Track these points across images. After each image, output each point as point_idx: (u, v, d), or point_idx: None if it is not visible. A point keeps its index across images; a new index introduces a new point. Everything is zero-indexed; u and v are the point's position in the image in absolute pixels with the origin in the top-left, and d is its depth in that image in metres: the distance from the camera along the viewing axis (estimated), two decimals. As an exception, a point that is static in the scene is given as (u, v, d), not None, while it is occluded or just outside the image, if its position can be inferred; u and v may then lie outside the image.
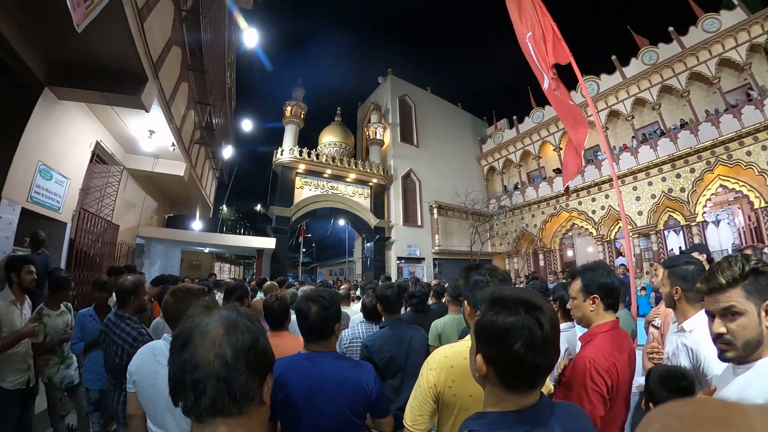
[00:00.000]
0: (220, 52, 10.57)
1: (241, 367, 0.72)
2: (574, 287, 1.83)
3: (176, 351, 0.73)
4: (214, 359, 0.70)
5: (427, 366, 1.43)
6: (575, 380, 1.59)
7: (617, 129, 18.66)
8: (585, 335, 1.78)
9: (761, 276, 1.04)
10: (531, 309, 0.87)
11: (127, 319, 2.57)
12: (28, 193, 5.06)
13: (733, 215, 14.43)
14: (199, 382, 0.69)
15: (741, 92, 14.47)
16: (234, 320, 0.77)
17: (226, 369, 0.70)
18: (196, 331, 0.74)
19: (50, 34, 4.52)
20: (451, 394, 1.33)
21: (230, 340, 0.73)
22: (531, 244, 21.27)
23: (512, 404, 0.89)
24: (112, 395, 2.59)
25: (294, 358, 1.68)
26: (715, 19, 14.54)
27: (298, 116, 19.51)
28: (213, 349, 0.71)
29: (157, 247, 13.11)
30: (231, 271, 31.99)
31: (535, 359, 0.84)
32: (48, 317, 3.49)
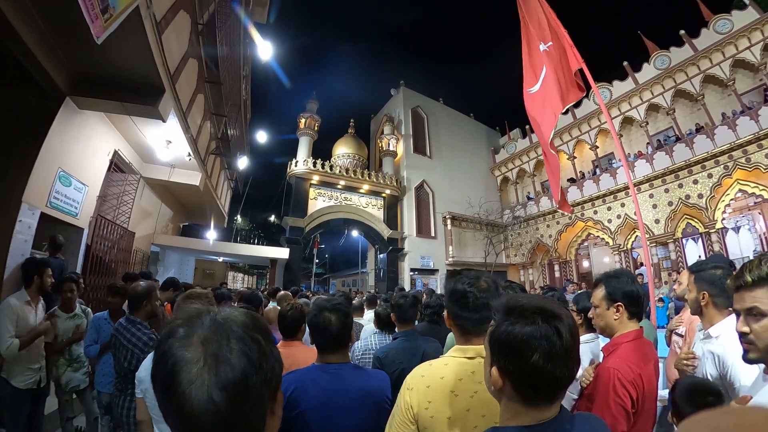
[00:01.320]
0: (235, 65, 10.83)
1: (242, 405, 0.57)
2: (597, 295, 1.79)
3: (160, 396, 0.59)
4: (205, 411, 0.55)
5: (405, 386, 1.32)
6: (598, 392, 1.53)
7: (631, 136, 18.42)
8: (608, 345, 1.72)
9: None
10: (549, 318, 0.83)
11: (138, 324, 2.63)
12: (48, 198, 5.22)
13: (753, 221, 14.02)
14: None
15: (757, 93, 14.20)
16: (216, 349, 0.58)
17: (222, 419, 0.55)
18: (175, 374, 0.56)
19: (72, 46, 4.71)
20: (428, 416, 1.22)
21: (219, 380, 0.56)
22: (546, 254, 20.96)
23: (530, 418, 0.85)
24: (117, 400, 2.64)
25: (309, 371, 1.62)
26: (727, 20, 14.33)
27: (312, 128, 19.82)
28: (201, 398, 0.55)
29: (172, 255, 13.32)
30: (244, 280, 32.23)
31: (555, 371, 0.81)
32: (58, 318, 3.59)
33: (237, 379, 0.57)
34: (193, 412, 0.55)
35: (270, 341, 0.66)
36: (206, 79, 8.90)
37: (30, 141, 4.82)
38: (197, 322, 0.62)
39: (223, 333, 0.60)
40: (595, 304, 1.79)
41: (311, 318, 1.71)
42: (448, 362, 1.32)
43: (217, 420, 0.55)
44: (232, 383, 0.56)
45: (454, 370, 1.27)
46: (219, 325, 0.62)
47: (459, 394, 1.23)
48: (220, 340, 0.59)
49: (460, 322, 1.37)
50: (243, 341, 0.60)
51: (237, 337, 0.61)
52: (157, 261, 12.37)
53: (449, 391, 1.23)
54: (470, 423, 1.19)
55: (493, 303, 1.00)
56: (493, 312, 0.94)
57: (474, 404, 1.20)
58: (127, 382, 2.55)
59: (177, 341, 0.59)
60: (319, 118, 20.36)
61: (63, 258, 5.01)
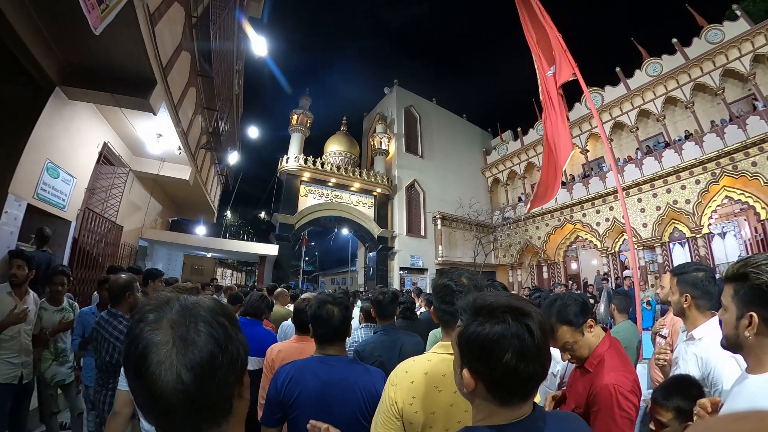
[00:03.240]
0: (228, 59, 10.71)
1: (209, 385, 0.60)
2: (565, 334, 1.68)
3: (131, 378, 0.61)
4: (174, 391, 0.57)
5: (389, 382, 1.34)
6: (600, 411, 1.48)
7: (622, 141, 18.68)
8: (591, 359, 1.65)
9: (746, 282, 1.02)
10: (519, 315, 0.81)
11: (120, 317, 2.58)
12: (35, 189, 5.11)
13: (739, 227, 14.29)
14: (168, 413, 0.59)
15: (745, 103, 14.54)
16: (185, 332, 0.61)
17: (189, 398, 0.58)
18: (145, 356, 0.59)
19: (64, 36, 4.62)
20: (412, 412, 1.24)
21: (187, 361, 0.59)
22: (535, 256, 21.15)
23: (504, 417, 0.83)
24: (98, 395, 2.58)
25: (308, 361, 1.71)
26: (719, 30, 14.64)
27: (304, 125, 19.72)
28: (170, 378, 0.57)
29: (161, 250, 13.15)
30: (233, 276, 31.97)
31: (529, 369, 0.79)
32: (45, 311, 3.52)
33: (204, 360, 0.60)
34: (162, 392, 0.57)
35: (236, 326, 0.68)
36: (199, 72, 8.79)
37: (18, 131, 4.72)
38: (166, 308, 0.64)
39: (191, 317, 0.63)
40: (569, 341, 1.68)
41: (314, 310, 1.76)
42: (431, 358, 1.34)
43: (185, 399, 0.58)
44: (199, 364, 0.59)
45: (438, 366, 1.29)
46: (187, 309, 0.64)
47: (443, 390, 1.24)
48: (188, 323, 0.62)
49: (440, 314, 1.41)
50: (210, 324, 0.63)
51: (204, 320, 0.63)
52: (146, 256, 12.20)
53: (433, 387, 1.25)
54: (454, 418, 1.21)
55: (459, 303, 0.98)
56: (460, 312, 0.91)
57: (457, 399, 1.20)
58: (109, 376, 2.51)
59: (147, 325, 0.61)
60: (312, 115, 20.28)
61: (50, 251, 4.90)
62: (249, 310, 3.30)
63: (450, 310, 1.37)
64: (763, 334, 0.97)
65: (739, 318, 1.02)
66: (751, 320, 0.98)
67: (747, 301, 1.01)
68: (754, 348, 1.00)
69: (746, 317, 0.99)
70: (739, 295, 1.03)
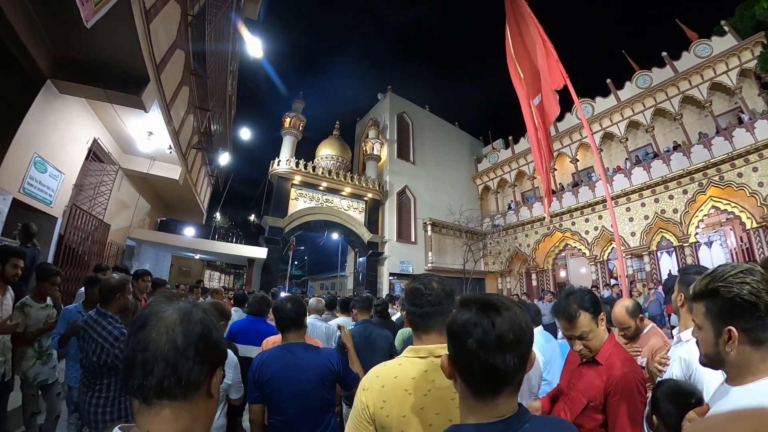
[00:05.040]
0: (223, 59, 10.67)
1: (190, 353, 0.74)
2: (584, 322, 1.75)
3: (132, 333, 0.75)
4: (165, 343, 0.73)
5: (361, 387, 1.36)
6: (624, 398, 1.59)
7: (611, 151, 18.94)
8: (602, 353, 1.74)
9: (717, 298, 1.00)
10: (488, 308, 0.86)
11: (110, 318, 2.53)
12: (21, 183, 5.00)
13: (725, 236, 14.58)
14: (148, 363, 0.71)
15: (732, 115, 14.86)
16: (189, 311, 0.79)
17: (175, 353, 0.72)
18: (152, 316, 0.76)
19: (57, 28, 4.55)
20: (384, 415, 1.25)
21: (183, 327, 0.75)
22: (524, 263, 21.25)
23: (485, 414, 0.85)
24: (84, 397, 2.47)
25: (273, 350, 2.17)
26: (707, 45, 15.02)
27: (296, 128, 19.65)
28: (165, 333, 0.73)
29: (148, 251, 12.96)
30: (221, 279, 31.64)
31: (488, 359, 0.82)
32: (31, 308, 3.40)
33: (194, 334, 0.76)
34: (158, 345, 0.72)
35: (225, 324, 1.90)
36: (192, 71, 8.72)
37: (6, 123, 4.63)
38: (176, 301, 0.81)
39: (194, 307, 0.81)
40: (587, 330, 1.75)
41: (276, 305, 2.27)
42: (401, 362, 1.35)
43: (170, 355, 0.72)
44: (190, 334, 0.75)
45: (408, 370, 1.31)
46: (192, 303, 0.82)
47: (413, 393, 1.25)
48: (191, 310, 0.79)
49: (410, 317, 1.43)
50: (205, 313, 0.81)
51: (202, 310, 0.81)
52: (132, 255, 12.00)
53: (403, 390, 1.26)
54: (425, 420, 1.21)
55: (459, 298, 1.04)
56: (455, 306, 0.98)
57: (427, 402, 1.22)
58: (96, 377, 2.44)
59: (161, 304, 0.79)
60: (305, 118, 20.22)
61: (38, 247, 4.77)
62: (253, 310, 3.84)
63: (419, 313, 1.38)
64: (743, 346, 0.96)
65: (717, 335, 1.00)
66: (731, 335, 0.96)
67: (722, 316, 0.99)
68: (735, 361, 0.98)
69: (725, 333, 0.97)
70: (712, 312, 1.01)
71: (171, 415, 0.72)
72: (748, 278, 0.96)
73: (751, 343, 0.95)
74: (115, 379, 2.45)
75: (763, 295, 0.94)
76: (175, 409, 0.73)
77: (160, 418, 0.72)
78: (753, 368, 0.96)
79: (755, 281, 0.95)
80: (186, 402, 0.74)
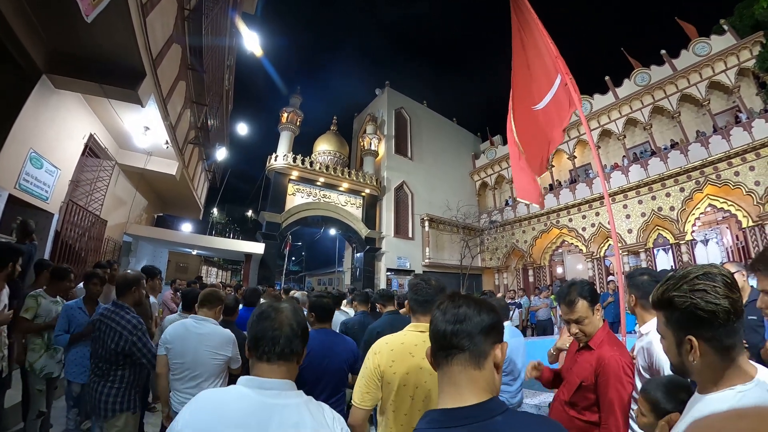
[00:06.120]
0: (220, 53, 10.57)
1: (298, 334, 1.21)
2: (581, 309, 1.97)
3: (259, 320, 1.20)
4: (288, 327, 1.19)
5: (372, 351, 1.76)
6: (611, 378, 1.79)
7: (609, 148, 18.98)
8: (595, 339, 1.95)
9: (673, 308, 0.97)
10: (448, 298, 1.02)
11: (126, 308, 2.73)
12: (17, 179, 4.95)
13: (721, 234, 14.64)
14: (277, 338, 1.16)
15: (730, 114, 14.90)
16: (296, 308, 1.28)
17: (292, 333, 1.18)
18: (274, 310, 1.22)
19: (53, 22, 4.49)
20: (391, 373, 1.65)
21: (296, 318, 1.23)
22: (521, 259, 21.32)
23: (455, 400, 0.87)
24: (95, 386, 2.60)
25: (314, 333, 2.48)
26: (706, 44, 15.03)
27: (294, 123, 19.57)
28: (287, 321, 1.20)
29: (145, 247, 12.91)
30: (218, 275, 31.60)
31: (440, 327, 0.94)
32: (43, 299, 3.47)
33: (300, 322, 1.23)
34: (282, 326, 1.18)
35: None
36: (189, 66, 8.63)
37: (1, 119, 4.57)
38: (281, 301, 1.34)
39: (297, 308, 1.29)
40: (585, 315, 1.96)
41: (314, 301, 2.71)
42: (406, 333, 1.80)
43: (290, 334, 1.18)
44: (298, 322, 1.22)
45: (411, 338, 1.75)
46: (291, 304, 1.30)
47: (415, 355, 1.67)
48: (295, 310, 1.27)
49: (412, 303, 1.89)
50: (300, 312, 1.29)
51: (299, 308, 1.30)
52: (130, 252, 11.94)
53: (408, 353, 1.69)
54: (421, 378, 1.64)
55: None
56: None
57: (425, 364, 1.54)
58: (110, 366, 2.61)
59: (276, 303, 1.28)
60: (302, 113, 20.12)
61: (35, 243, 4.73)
62: (246, 300, 4.36)
63: (421, 300, 1.85)
64: (707, 354, 0.92)
65: (679, 344, 0.97)
66: (692, 344, 0.93)
67: (681, 326, 0.96)
68: (701, 371, 0.95)
69: (686, 342, 0.94)
70: (671, 322, 0.99)
71: (285, 370, 1.16)
72: (704, 284, 0.92)
73: (716, 352, 0.92)
74: (130, 369, 2.68)
75: (721, 302, 0.89)
76: (285, 365, 1.16)
77: (279, 371, 1.15)
78: (717, 377, 0.92)
79: (712, 287, 0.91)
80: (289, 363, 1.18)
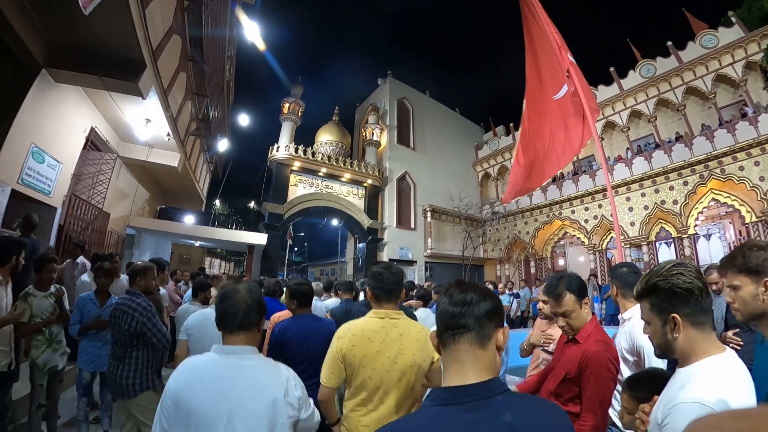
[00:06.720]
0: (220, 44, 10.50)
1: (254, 308, 1.48)
2: (569, 302, 1.99)
3: (221, 300, 1.48)
4: (244, 303, 1.46)
5: (336, 336, 1.92)
6: (594, 373, 1.81)
7: (612, 140, 18.82)
8: (582, 333, 1.98)
9: (657, 292, 1.15)
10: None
11: (137, 294, 2.98)
12: (19, 174, 4.96)
13: (724, 229, 14.55)
14: (236, 313, 1.44)
15: (736, 108, 14.70)
16: (251, 288, 1.53)
17: (247, 309, 1.46)
18: (233, 290, 1.49)
19: (51, 15, 4.45)
20: (352, 355, 1.82)
21: (251, 296, 1.49)
22: (523, 251, 21.31)
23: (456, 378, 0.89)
24: (114, 369, 2.87)
25: (293, 318, 2.85)
26: (713, 36, 14.78)
27: (295, 113, 19.45)
28: (243, 299, 1.47)
29: (148, 239, 12.95)
30: (221, 266, 31.75)
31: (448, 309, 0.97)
32: (34, 297, 3.44)
33: (255, 299, 1.49)
34: (239, 304, 1.44)
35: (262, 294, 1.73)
36: (189, 57, 8.57)
37: (2, 114, 4.56)
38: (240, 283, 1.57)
39: (252, 285, 1.55)
40: (570, 310, 1.99)
41: (294, 289, 2.91)
42: (367, 320, 1.95)
43: (246, 310, 1.45)
44: (253, 299, 1.48)
45: (371, 324, 1.91)
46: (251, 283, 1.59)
47: (373, 340, 1.84)
48: (251, 287, 1.53)
49: (376, 292, 2.00)
50: (256, 289, 1.56)
51: (255, 286, 1.57)
52: (133, 244, 12.00)
53: (366, 338, 1.84)
54: (379, 360, 1.80)
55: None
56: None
57: (382, 348, 1.82)
58: (125, 349, 2.86)
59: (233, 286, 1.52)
60: (304, 103, 19.98)
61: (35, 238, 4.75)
62: (268, 291, 4.70)
63: (386, 288, 1.97)
64: (687, 329, 1.10)
65: (664, 324, 1.13)
66: (675, 321, 1.10)
67: (664, 307, 1.13)
68: (683, 346, 1.11)
69: (670, 321, 1.12)
70: (656, 306, 1.16)
71: (244, 338, 1.44)
72: (680, 269, 1.13)
73: (694, 326, 1.10)
74: (144, 350, 2.91)
75: (695, 282, 1.11)
76: (245, 334, 1.44)
77: (240, 339, 1.43)
78: (697, 349, 1.10)
79: (687, 271, 1.12)
80: (249, 332, 1.46)
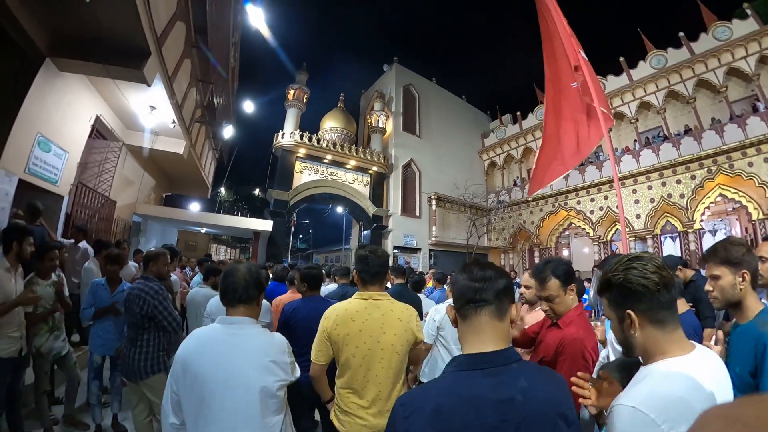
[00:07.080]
0: (225, 30, 10.40)
1: (252, 284, 1.65)
2: (553, 287, 1.98)
3: (224, 278, 1.66)
4: (243, 280, 1.63)
5: (323, 316, 2.03)
6: (566, 359, 1.82)
7: (620, 131, 18.56)
8: (565, 318, 1.97)
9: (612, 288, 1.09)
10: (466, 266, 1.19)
11: (150, 279, 3.12)
12: (26, 164, 4.99)
13: (730, 225, 14.44)
14: (236, 289, 1.61)
15: (747, 103, 14.39)
16: (250, 267, 1.71)
17: (246, 284, 1.63)
18: (234, 269, 1.68)
19: (54, 5, 4.42)
20: (336, 334, 1.94)
21: (249, 274, 1.67)
22: (527, 240, 21.29)
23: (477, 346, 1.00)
24: (127, 351, 3.00)
25: (302, 300, 3.07)
26: (727, 28, 14.40)
27: (300, 100, 19.32)
28: (242, 276, 1.64)
29: (154, 226, 13.06)
30: (227, 252, 32.01)
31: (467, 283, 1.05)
32: (38, 286, 3.45)
33: (253, 275, 1.68)
34: (237, 280, 1.64)
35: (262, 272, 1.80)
36: (194, 43, 8.50)
37: (7, 104, 4.58)
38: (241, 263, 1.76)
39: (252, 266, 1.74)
40: (554, 294, 1.98)
41: (305, 272, 3.09)
42: (351, 301, 2.06)
43: (245, 286, 1.64)
44: (251, 275, 1.67)
45: (354, 306, 2.01)
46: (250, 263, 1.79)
47: (355, 320, 1.95)
48: (249, 266, 1.72)
49: (363, 275, 2.08)
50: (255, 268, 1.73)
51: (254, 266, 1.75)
52: (139, 231, 12.10)
53: (349, 318, 1.96)
54: (360, 339, 1.92)
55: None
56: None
57: (365, 327, 1.93)
58: (137, 331, 2.99)
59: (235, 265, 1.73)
60: (309, 90, 19.82)
61: (44, 225, 4.79)
62: (276, 276, 4.86)
63: (372, 272, 2.06)
64: (645, 327, 1.03)
65: (621, 321, 1.08)
66: (630, 318, 1.04)
67: (619, 303, 1.07)
68: (642, 344, 1.04)
69: (626, 318, 1.05)
70: (612, 302, 1.10)
71: (244, 310, 1.63)
72: (634, 263, 1.05)
73: (653, 324, 1.02)
74: (155, 333, 3.02)
75: (650, 276, 1.02)
76: (244, 307, 1.63)
77: (240, 311, 1.62)
78: (656, 349, 1.03)
79: (642, 265, 1.04)
80: (248, 306, 1.65)
